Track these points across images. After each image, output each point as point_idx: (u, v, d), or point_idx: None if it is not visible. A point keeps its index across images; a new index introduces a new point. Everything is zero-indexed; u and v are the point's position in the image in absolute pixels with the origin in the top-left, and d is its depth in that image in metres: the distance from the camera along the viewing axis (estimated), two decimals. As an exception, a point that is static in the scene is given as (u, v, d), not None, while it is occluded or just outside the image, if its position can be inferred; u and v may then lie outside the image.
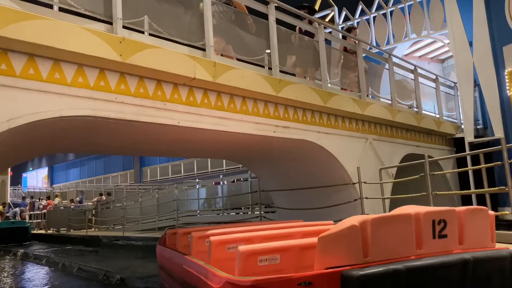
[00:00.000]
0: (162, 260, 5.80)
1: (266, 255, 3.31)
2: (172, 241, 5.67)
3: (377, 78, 9.45)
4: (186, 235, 5.16)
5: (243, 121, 5.93)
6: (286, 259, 3.35)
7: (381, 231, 2.68)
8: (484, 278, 2.74)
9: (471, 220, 3.03)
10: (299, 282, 2.56)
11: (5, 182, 31.99)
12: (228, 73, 5.47)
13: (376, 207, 7.61)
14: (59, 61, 4.21)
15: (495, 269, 2.78)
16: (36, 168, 46.31)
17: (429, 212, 2.85)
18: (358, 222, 2.65)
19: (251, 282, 2.76)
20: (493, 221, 3.21)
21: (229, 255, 3.89)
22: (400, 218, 2.76)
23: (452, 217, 2.92)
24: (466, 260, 2.65)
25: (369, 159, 8.18)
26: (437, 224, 2.86)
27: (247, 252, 3.26)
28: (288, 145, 7.10)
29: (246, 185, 11.68)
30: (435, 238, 2.85)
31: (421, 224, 2.81)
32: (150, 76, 4.90)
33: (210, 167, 23.83)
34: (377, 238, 2.65)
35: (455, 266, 2.63)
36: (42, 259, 11.09)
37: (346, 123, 7.84)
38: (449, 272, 2.63)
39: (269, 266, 3.29)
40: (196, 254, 4.54)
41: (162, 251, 5.86)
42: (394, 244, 2.72)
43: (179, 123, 5.14)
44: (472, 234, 3.01)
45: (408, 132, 9.65)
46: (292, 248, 3.41)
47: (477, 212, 3.09)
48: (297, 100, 6.50)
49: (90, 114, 4.39)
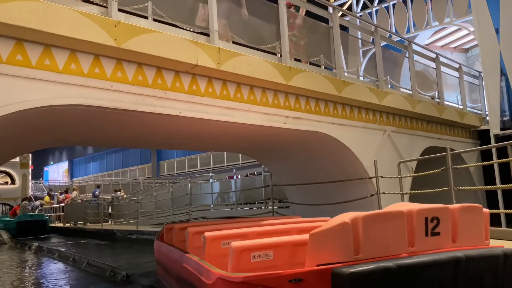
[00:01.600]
0: (159, 255, 5.71)
1: (260, 251, 3.27)
2: (169, 236, 5.60)
3: (397, 67, 8.98)
4: (183, 230, 5.08)
5: (251, 112, 5.60)
6: (279, 256, 3.32)
7: (373, 228, 2.64)
8: (476, 276, 2.69)
9: (465, 218, 2.99)
10: (290, 279, 2.52)
11: (26, 175, 32.57)
12: (234, 60, 5.13)
13: (395, 202, 7.17)
14: (49, 46, 3.95)
15: (488, 268, 2.72)
16: (57, 162, 47.03)
17: (422, 209, 2.81)
18: (349, 219, 2.60)
19: (242, 278, 2.75)
20: (487, 219, 3.15)
21: (224, 250, 3.84)
22: (392, 215, 2.73)
23: (445, 214, 2.88)
24: (458, 258, 2.61)
25: (387, 152, 7.75)
26: (430, 222, 2.82)
27: (240, 248, 3.23)
28: (300, 137, 6.73)
29: (259, 179, 11.36)
30: (428, 236, 2.82)
31: (414, 222, 2.78)
32: (149, 63, 4.60)
33: (226, 161, 23.59)
34: (369, 235, 2.62)
35: (447, 264, 2.58)
36: (55, 253, 11.06)
37: (362, 114, 7.42)
38: (441, 270, 2.58)
39: (263, 262, 3.26)
40: (192, 249, 4.49)
41: (159, 246, 5.77)
42: (386, 241, 2.68)
43: (180, 113, 4.84)
44: (465, 232, 2.97)
45: (429, 124, 9.15)
46: (286, 245, 3.38)
47: (471, 210, 3.05)
48: (309, 89, 6.13)
49: (84, 103, 4.12)
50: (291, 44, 6.10)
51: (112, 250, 12.47)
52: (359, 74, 7.71)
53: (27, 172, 32.41)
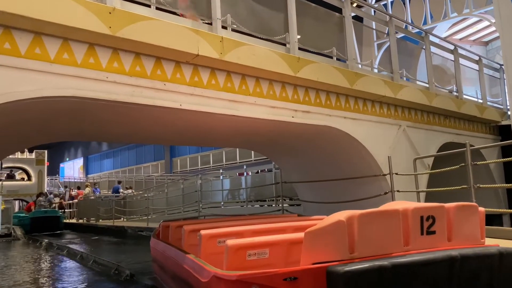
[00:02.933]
0: (155, 253, 5.69)
1: (255, 250, 3.25)
2: (166, 234, 5.58)
3: (413, 60, 8.60)
4: (179, 228, 5.06)
5: (257, 105, 5.32)
6: (275, 254, 3.30)
7: (368, 227, 2.63)
8: (471, 275, 2.67)
9: (461, 217, 2.98)
10: (285, 277, 2.51)
11: (42, 172, 32.96)
12: (238, 49, 4.86)
13: (410, 201, 6.83)
14: (40, 35, 3.74)
15: (483, 267, 2.70)
16: (73, 159, 47.50)
17: (417, 208, 2.81)
18: (344, 218, 2.59)
19: (237, 276, 2.74)
20: (483, 217, 3.13)
21: (220, 249, 3.80)
22: (388, 214, 2.72)
23: (441, 213, 2.87)
24: (453, 257, 2.59)
25: (402, 148, 7.39)
26: (426, 220, 2.81)
27: (236, 246, 3.21)
28: (310, 132, 6.43)
29: (270, 176, 11.08)
30: (423, 235, 2.80)
31: (409, 220, 2.76)
32: (148, 53, 4.36)
33: (238, 157, 23.37)
34: (364, 234, 2.60)
35: (442, 263, 2.57)
36: (64, 250, 11.00)
37: (376, 107, 7.08)
38: (436, 269, 2.56)
39: (258, 260, 3.24)
40: (187, 247, 4.47)
41: (155, 244, 5.75)
42: (381, 240, 2.67)
43: (181, 106, 4.59)
44: (461, 231, 2.97)
45: (447, 119, 8.75)
46: (281, 243, 3.35)
47: (466, 209, 3.04)
48: (319, 82, 5.82)
49: (77, 95, 3.90)
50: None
51: (121, 247, 12.36)
52: (373, 66, 7.37)
53: (43, 168, 32.79)
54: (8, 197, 28.22)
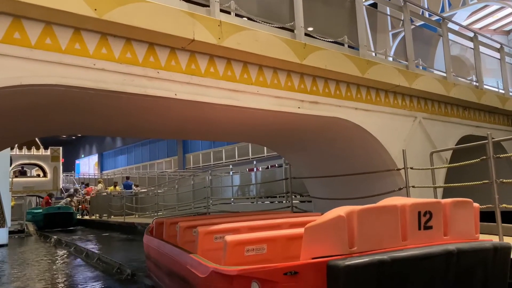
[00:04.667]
0: (149, 250, 5.72)
1: (253, 245, 3.29)
2: (160, 231, 5.60)
3: (430, 48, 8.12)
4: (174, 225, 5.12)
5: (260, 95, 4.97)
6: (272, 249, 3.35)
7: (367, 222, 2.66)
8: (467, 269, 2.76)
9: (456, 212, 3.03)
10: (285, 271, 2.53)
11: (57, 168, 33.25)
12: (238, 34, 4.52)
13: (426, 197, 6.39)
14: (20, 18, 3.46)
15: (478, 261, 2.80)
16: (88, 155, 47.87)
17: (415, 203, 2.86)
18: (344, 213, 2.62)
19: (237, 271, 2.76)
20: (477, 213, 3.19)
21: (216, 245, 3.90)
22: (386, 210, 2.76)
23: (437, 209, 2.93)
24: (450, 251, 2.66)
25: (417, 141, 6.96)
26: (423, 216, 2.86)
27: (234, 242, 3.24)
28: (318, 124, 6.06)
29: (280, 172, 10.72)
30: (421, 230, 2.86)
31: (407, 216, 2.81)
32: (139, 38, 4.05)
33: (251, 153, 23.07)
34: (363, 229, 2.64)
35: (439, 257, 2.63)
36: (71, 247, 10.91)
37: (389, 98, 6.66)
38: (433, 263, 2.63)
39: (256, 256, 3.27)
40: (182, 244, 4.49)
41: (149, 240, 5.78)
42: (380, 235, 2.71)
43: (176, 96, 4.27)
44: (457, 226, 3.03)
45: (466, 110, 8.25)
46: (279, 239, 3.41)
47: (462, 204, 3.09)
48: (327, 70, 5.44)
49: (61, 83, 3.61)
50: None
51: (129, 244, 12.18)
52: (387, 54, 6.94)
53: (58, 165, 33.11)
54: (24, 193, 28.63)
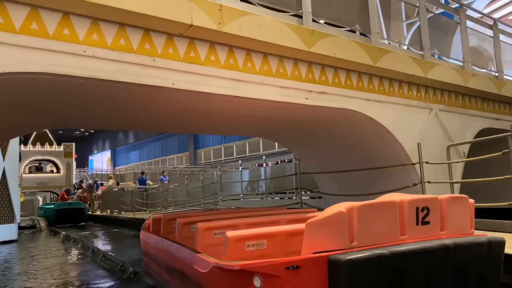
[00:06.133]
0: (147, 246, 5.74)
1: (253, 241, 3.33)
2: (157, 227, 5.61)
3: (447, 36, 7.72)
4: (171, 221, 5.18)
5: (264, 85, 4.68)
6: (272, 245, 3.40)
7: (367, 218, 2.72)
8: (463, 262, 2.84)
9: (452, 208, 3.11)
10: (287, 266, 2.58)
11: (70, 164, 33.41)
12: (240, 20, 4.23)
13: (443, 193, 5.98)
14: (3, 1, 3.22)
15: (474, 255, 2.88)
16: (101, 151, 48.13)
17: (413, 199, 2.93)
18: (345, 209, 2.67)
19: (240, 266, 2.79)
20: (472, 208, 3.26)
21: (216, 240, 3.96)
22: (386, 205, 2.82)
23: (434, 204, 3.00)
24: (447, 246, 2.74)
25: (433, 134, 6.60)
26: (421, 211, 2.93)
27: (235, 237, 3.27)
28: (327, 116, 5.75)
29: (290, 167, 10.42)
30: (419, 225, 2.93)
31: (405, 211, 2.88)
32: (134, 24, 3.79)
33: (262, 148, 22.79)
34: (363, 224, 2.69)
35: (437, 251, 2.71)
36: (79, 243, 10.78)
37: (404, 88, 6.31)
38: (431, 257, 2.70)
39: (256, 251, 3.32)
40: (181, 240, 4.52)
41: (146, 237, 5.78)
42: (379, 230, 2.76)
43: (173, 85, 4.01)
44: (453, 221, 3.10)
45: (485, 102, 7.84)
46: (279, 234, 3.46)
47: (458, 200, 3.17)
48: (336, 58, 5.12)
49: (48, 71, 3.37)
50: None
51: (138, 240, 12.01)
52: (401, 42, 6.57)
53: (71, 161, 33.25)
54: (38, 189, 28.83)
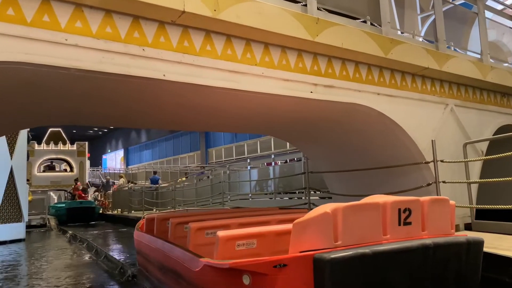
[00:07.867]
0: (140, 245, 5.81)
1: (244, 240, 3.40)
2: (151, 227, 5.67)
3: (464, 27, 7.30)
4: (165, 221, 5.26)
5: (265, 77, 4.37)
6: (262, 244, 3.47)
7: (351, 218, 2.80)
8: (443, 261, 2.92)
9: (434, 209, 3.19)
10: (275, 264, 2.65)
11: (83, 163, 33.60)
12: (238, 6, 3.93)
13: (459, 193, 5.67)
14: (-26, -15, 2.98)
15: (453, 254, 2.98)
16: (114, 150, 48.35)
17: (395, 201, 3.01)
18: (330, 209, 2.75)
19: (229, 264, 2.85)
20: (453, 210, 3.35)
21: (207, 240, 4.05)
22: (369, 206, 2.90)
23: (416, 206, 3.10)
24: (427, 245, 2.84)
25: (449, 131, 6.21)
26: (403, 212, 3.01)
27: (226, 237, 3.34)
28: (335, 111, 5.41)
29: (299, 166, 10.08)
30: (400, 225, 3.01)
31: (388, 212, 2.96)
32: (121, 10, 3.52)
33: (273, 147, 22.44)
34: (347, 225, 2.77)
35: (417, 250, 2.81)
36: (84, 243, 10.63)
37: (417, 82, 5.93)
38: (412, 256, 2.80)
39: (246, 250, 3.37)
40: (174, 239, 4.62)
41: (140, 236, 5.86)
42: (363, 230, 2.84)
43: (165, 76, 3.72)
44: (434, 222, 3.18)
45: (505, 97, 7.41)
46: (268, 234, 3.53)
47: (439, 202, 3.26)
48: (344, 49, 4.78)
49: (25, 60, 3.11)
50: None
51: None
52: (414, 33, 6.19)
53: (84, 160, 33.43)
54: (51, 188, 29.01)
